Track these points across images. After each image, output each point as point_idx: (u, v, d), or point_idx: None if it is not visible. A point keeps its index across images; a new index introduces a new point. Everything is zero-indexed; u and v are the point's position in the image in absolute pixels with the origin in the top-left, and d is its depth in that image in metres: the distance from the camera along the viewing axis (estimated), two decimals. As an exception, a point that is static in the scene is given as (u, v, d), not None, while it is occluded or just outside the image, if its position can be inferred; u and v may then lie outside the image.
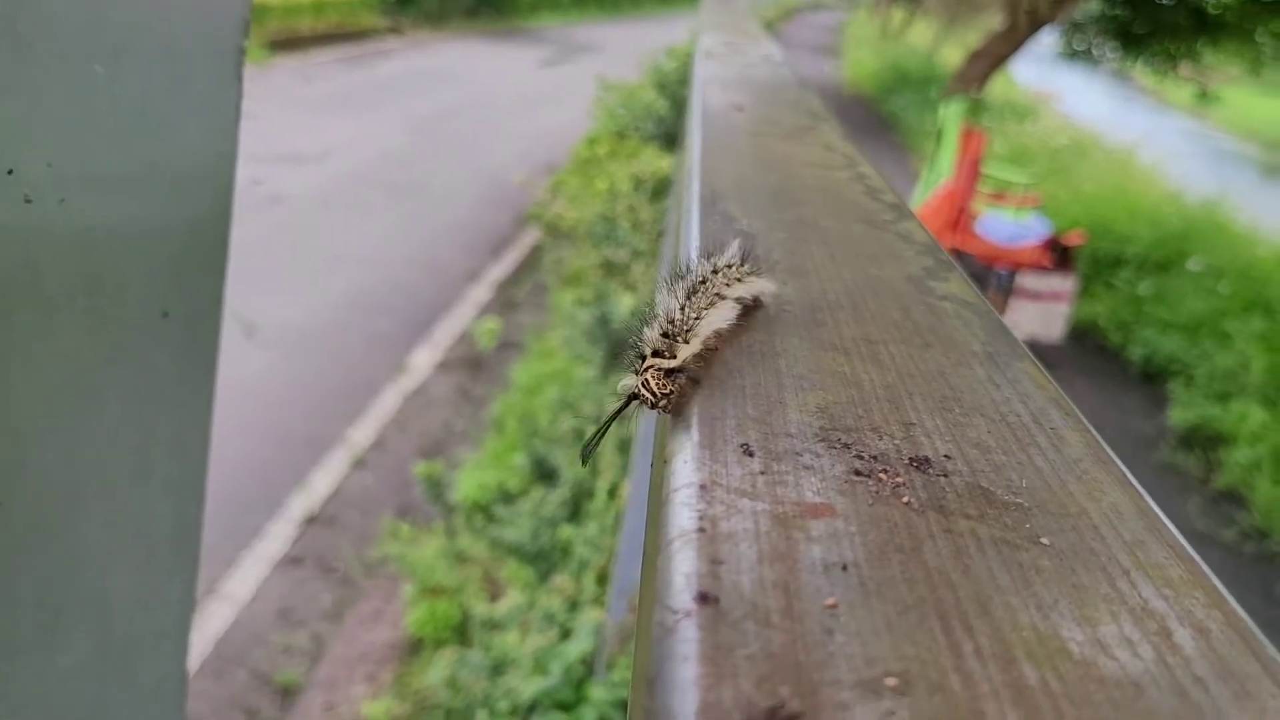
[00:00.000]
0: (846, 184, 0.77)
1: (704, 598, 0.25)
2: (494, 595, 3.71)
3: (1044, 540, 0.30)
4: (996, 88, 13.64)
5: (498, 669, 2.75)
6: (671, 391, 0.38)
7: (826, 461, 0.33)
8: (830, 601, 0.25)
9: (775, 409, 0.36)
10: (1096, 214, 8.46)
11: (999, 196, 6.92)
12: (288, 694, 3.52)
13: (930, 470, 0.33)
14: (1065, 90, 18.75)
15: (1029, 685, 0.23)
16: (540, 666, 2.59)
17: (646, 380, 0.39)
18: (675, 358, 0.40)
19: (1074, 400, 0.38)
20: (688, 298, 0.45)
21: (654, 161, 7.21)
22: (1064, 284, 6.18)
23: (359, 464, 4.89)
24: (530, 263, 7.58)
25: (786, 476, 0.31)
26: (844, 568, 0.27)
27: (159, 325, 0.73)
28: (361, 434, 5.13)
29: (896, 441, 0.35)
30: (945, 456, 0.34)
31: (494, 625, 3.20)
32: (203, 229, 0.73)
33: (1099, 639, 0.26)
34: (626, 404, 0.40)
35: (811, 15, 35.89)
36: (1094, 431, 0.38)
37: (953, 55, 18.26)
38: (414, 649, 3.74)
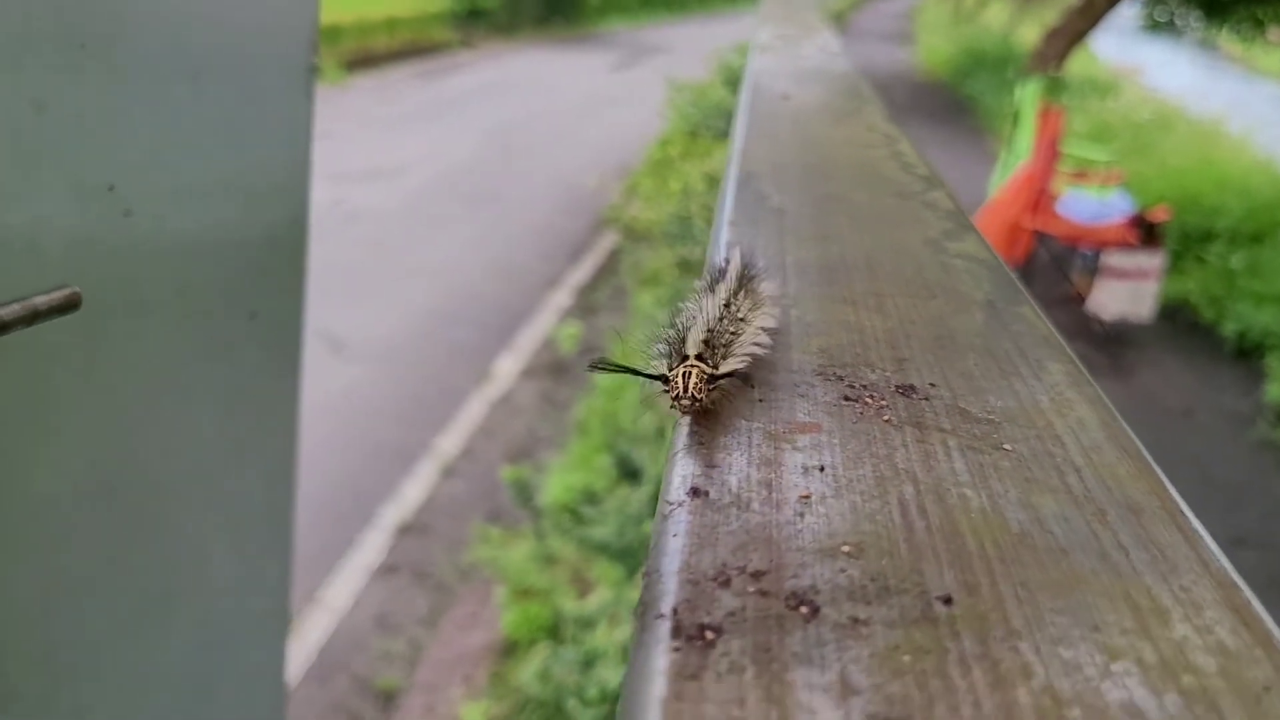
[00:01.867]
0: (882, 160, 0.81)
1: (695, 491, 0.30)
2: (584, 594, 3.78)
3: (1006, 446, 0.34)
4: (1076, 65, 13.37)
5: (589, 662, 2.81)
6: (703, 398, 0.38)
7: (820, 390, 0.37)
8: (804, 493, 0.30)
9: (780, 351, 0.40)
10: (1184, 188, 8.25)
11: (1080, 175, 6.80)
12: (388, 698, 3.62)
13: (914, 395, 0.37)
14: (1148, 63, 18.28)
15: (968, 551, 0.28)
16: (627, 655, 2.64)
17: (688, 373, 0.39)
18: (717, 368, 0.40)
19: (1165, 380, 0.42)
20: (725, 307, 0.44)
21: (726, 159, 7.22)
22: (1151, 261, 6.05)
23: (448, 472, 4.99)
24: (609, 266, 7.65)
25: (781, 403, 0.36)
26: (821, 469, 0.32)
27: (247, 325, 0.80)
28: (450, 442, 5.23)
29: (888, 374, 0.39)
30: (930, 384, 0.38)
31: (584, 622, 3.26)
32: (283, 234, 0.79)
33: (1039, 518, 0.30)
34: (656, 378, 0.40)
35: (883, 3, 35.50)
36: (1076, 361, 0.42)
37: (1030, 34, 17.92)
38: (509, 650, 3.82)
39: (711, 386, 0.38)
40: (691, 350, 0.41)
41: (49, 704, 0.77)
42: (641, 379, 0.41)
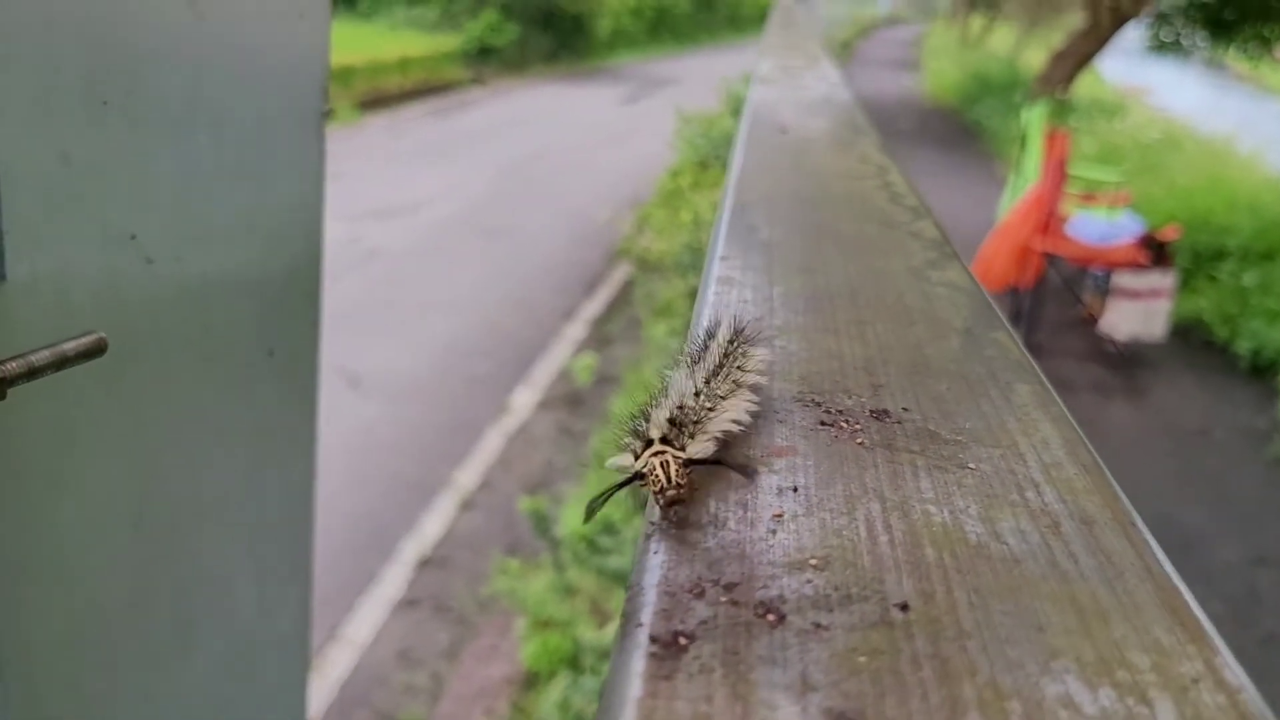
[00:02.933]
0: (873, 191, 0.83)
1: (675, 513, 0.32)
2: (603, 624, 3.79)
3: (970, 465, 0.36)
4: (1083, 87, 13.41)
5: (607, 691, 2.81)
6: (684, 484, 0.35)
7: (798, 416, 0.40)
8: (778, 512, 0.33)
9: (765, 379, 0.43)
10: (1193, 207, 8.25)
11: (1089, 197, 6.82)
12: (411, 732, 3.63)
13: (887, 419, 0.40)
14: (1156, 84, 18.31)
15: (927, 562, 0.30)
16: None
17: (666, 463, 0.36)
18: (683, 449, 0.37)
19: (1181, 398, 0.44)
20: (706, 383, 0.41)
21: (736, 188, 7.26)
22: (1163, 280, 6.05)
23: (467, 505, 5.01)
24: (622, 297, 7.69)
25: (761, 428, 0.38)
26: (795, 489, 0.34)
27: (265, 362, 0.83)
28: (468, 475, 5.25)
29: (863, 399, 0.42)
30: (903, 409, 0.41)
31: (604, 651, 3.27)
32: (298, 273, 0.83)
33: (996, 530, 0.32)
34: (629, 481, 0.38)
35: (888, 31, 35.69)
36: (1045, 383, 0.44)
37: (1036, 58, 17.99)
38: (529, 682, 3.83)
39: (688, 470, 0.36)
40: (655, 433, 0.38)
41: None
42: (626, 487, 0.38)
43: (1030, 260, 6.17)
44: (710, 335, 0.45)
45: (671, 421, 0.39)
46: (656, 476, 0.36)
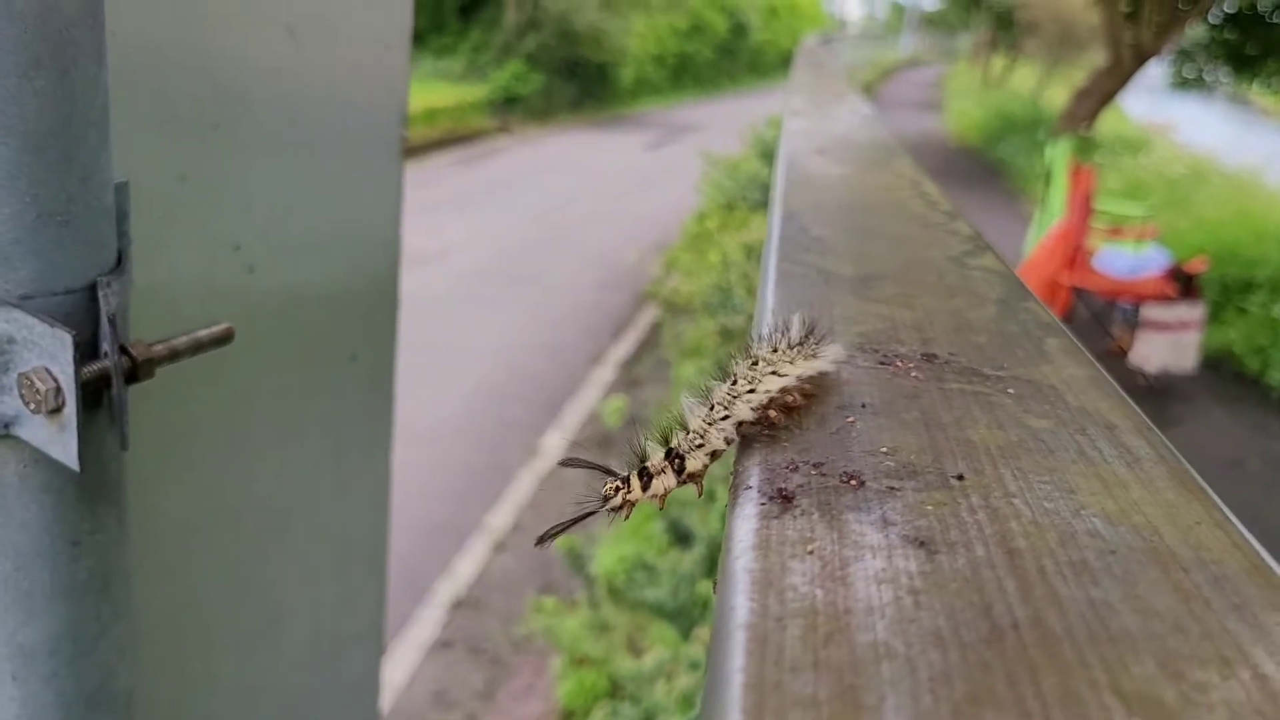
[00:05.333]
0: (909, 199, 0.90)
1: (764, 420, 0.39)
2: (638, 659, 3.82)
3: (1010, 391, 0.43)
4: (1106, 124, 13.48)
5: (649, 717, 2.85)
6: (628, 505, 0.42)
7: (859, 359, 0.46)
8: (850, 419, 0.39)
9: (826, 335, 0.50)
10: (1221, 240, 8.27)
11: (1115, 231, 6.86)
12: (447, 774, 3.66)
13: (935, 360, 0.46)
14: (1180, 119, 18.35)
15: (977, 450, 0.37)
16: (688, 702, 2.69)
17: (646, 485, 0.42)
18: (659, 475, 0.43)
19: (1213, 430, 0.50)
20: (772, 351, 0.44)
21: (763, 229, 7.35)
22: (1191, 312, 6.07)
23: (499, 547, 5.05)
24: (650, 340, 7.77)
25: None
26: (862, 405, 0.41)
27: (348, 367, 0.90)
28: (500, 518, 5.31)
29: (914, 348, 0.48)
30: (950, 354, 0.48)
31: (643, 679, 3.31)
32: (379, 283, 0.90)
33: (1033, 430, 0.39)
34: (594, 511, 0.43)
35: (910, 72, 35.96)
36: (1073, 339, 0.50)
37: (1058, 96, 18.10)
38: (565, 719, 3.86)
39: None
40: (653, 462, 0.43)
41: (178, 712, 0.86)
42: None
43: (1058, 295, 6.21)
44: (780, 329, 0.47)
45: (668, 452, 0.43)
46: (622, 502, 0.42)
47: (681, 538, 4.33)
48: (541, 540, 0.45)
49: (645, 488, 0.42)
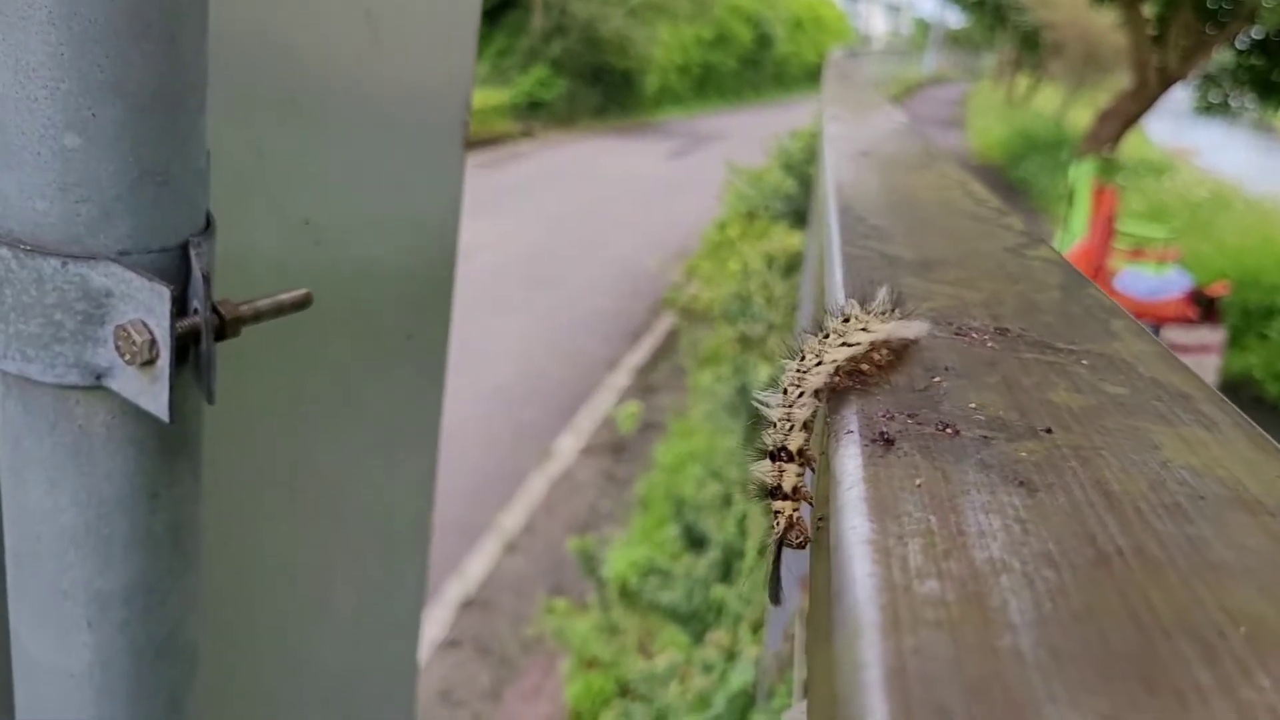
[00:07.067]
0: (958, 198, 0.92)
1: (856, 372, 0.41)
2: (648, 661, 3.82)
3: (1084, 362, 0.45)
4: (1130, 147, 13.47)
5: (661, 717, 2.87)
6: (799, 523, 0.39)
7: (935, 331, 0.48)
8: (937, 379, 0.41)
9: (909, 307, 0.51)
10: (1243, 265, 8.26)
11: (1137, 253, 6.86)
12: (452, 772, 3.66)
13: (1008, 334, 0.48)
14: (1203, 144, 18.32)
15: (1061, 411, 0.39)
16: (703, 702, 2.70)
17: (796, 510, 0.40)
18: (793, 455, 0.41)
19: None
20: (799, 371, 0.43)
21: (784, 239, 7.39)
22: (1212, 336, 6.06)
23: (510, 548, 5.07)
24: (666, 347, 7.79)
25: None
26: (946, 368, 0.42)
27: (404, 345, 0.93)
28: (512, 519, 5.32)
29: (986, 322, 0.50)
30: (1021, 329, 0.49)
31: (656, 680, 3.32)
32: (437, 265, 0.92)
33: (1111, 395, 0.41)
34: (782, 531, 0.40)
35: (934, 89, 35.95)
36: (1134, 319, 0.52)
37: (1082, 118, 18.09)
38: (573, 722, 3.87)
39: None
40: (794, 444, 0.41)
41: (227, 680, 0.88)
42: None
43: (1078, 313, 6.20)
44: (859, 301, 0.47)
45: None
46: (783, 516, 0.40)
47: (696, 542, 4.34)
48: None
49: (795, 494, 0.40)
